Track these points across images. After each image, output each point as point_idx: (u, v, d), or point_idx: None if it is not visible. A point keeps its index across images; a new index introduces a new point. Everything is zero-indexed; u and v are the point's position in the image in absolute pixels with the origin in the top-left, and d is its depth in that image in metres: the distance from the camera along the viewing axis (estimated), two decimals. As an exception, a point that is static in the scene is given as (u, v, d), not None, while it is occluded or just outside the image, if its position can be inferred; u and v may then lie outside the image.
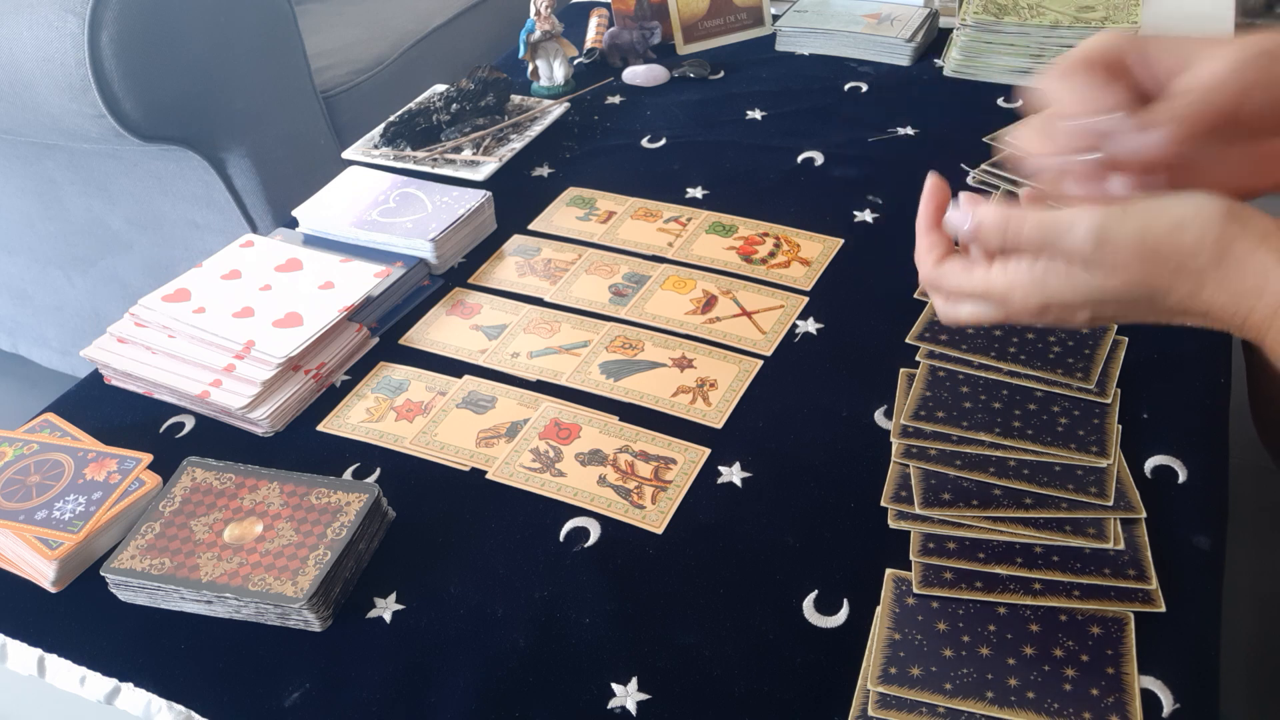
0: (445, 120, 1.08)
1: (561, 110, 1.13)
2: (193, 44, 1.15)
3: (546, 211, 0.98)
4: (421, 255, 0.89)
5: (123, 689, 0.58)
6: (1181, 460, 0.65)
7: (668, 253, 0.90)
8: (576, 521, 0.65)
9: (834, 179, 0.99)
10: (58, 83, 1.08)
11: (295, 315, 0.79)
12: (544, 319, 0.84)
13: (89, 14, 1.04)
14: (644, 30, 1.25)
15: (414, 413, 0.75)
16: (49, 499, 0.67)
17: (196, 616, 0.62)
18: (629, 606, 0.60)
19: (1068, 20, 1.08)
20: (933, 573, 0.58)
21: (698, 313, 0.82)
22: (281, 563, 0.61)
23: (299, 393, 0.76)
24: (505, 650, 0.58)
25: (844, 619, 0.58)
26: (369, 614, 0.61)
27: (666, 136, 1.09)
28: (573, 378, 0.77)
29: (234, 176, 1.26)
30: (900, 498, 0.63)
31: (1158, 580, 0.56)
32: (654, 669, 0.56)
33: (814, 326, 0.80)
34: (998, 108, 1.08)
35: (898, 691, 0.52)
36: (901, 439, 0.67)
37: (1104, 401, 0.68)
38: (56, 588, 0.64)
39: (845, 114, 1.10)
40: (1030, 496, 0.62)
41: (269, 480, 0.67)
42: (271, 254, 0.88)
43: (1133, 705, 0.51)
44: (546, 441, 0.71)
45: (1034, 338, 0.74)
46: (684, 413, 0.73)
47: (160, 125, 1.15)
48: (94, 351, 0.80)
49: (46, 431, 0.73)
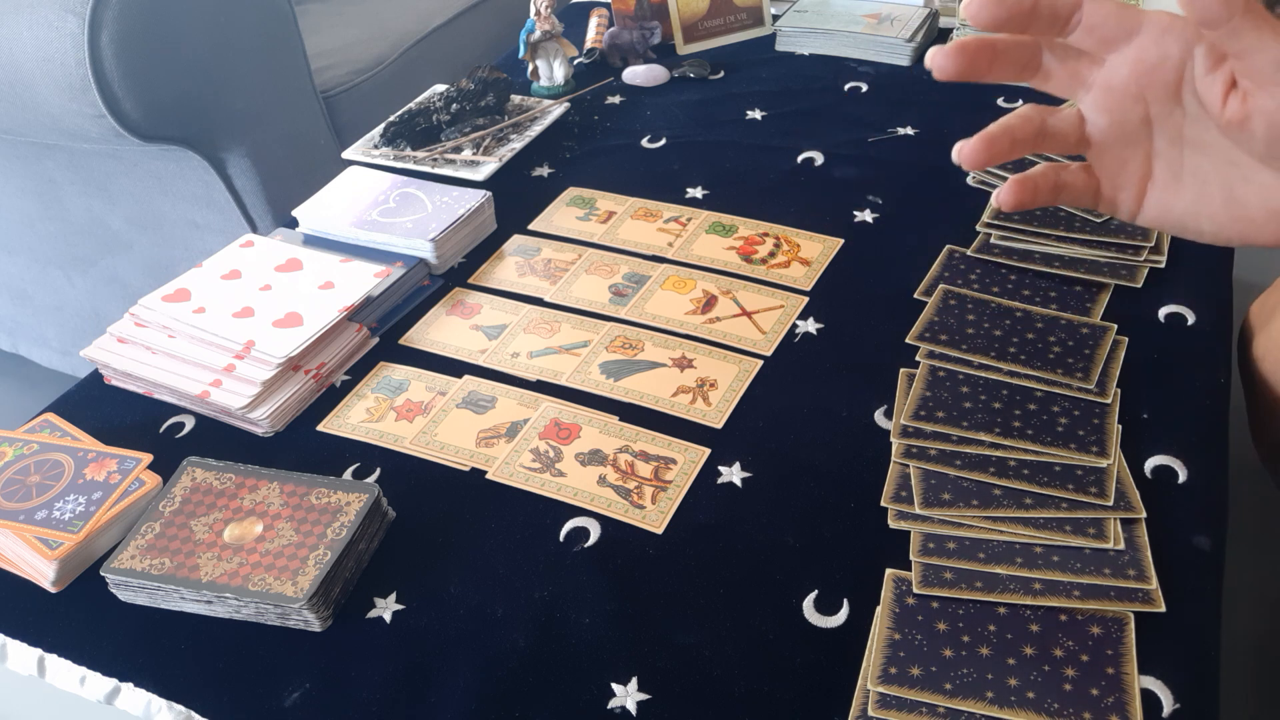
0: (445, 120, 1.08)
1: (561, 110, 1.13)
2: (193, 44, 1.15)
3: (546, 211, 0.98)
4: (421, 255, 0.89)
5: (123, 689, 0.58)
6: (1181, 460, 0.65)
7: (668, 253, 0.90)
8: (576, 521, 0.65)
9: (834, 179, 0.99)
10: (58, 83, 1.08)
11: (295, 315, 0.79)
12: (544, 319, 0.84)
13: (89, 14, 1.04)
14: (644, 30, 1.25)
15: (414, 413, 0.75)
16: (49, 499, 0.67)
17: (196, 616, 0.62)
18: (629, 606, 0.60)
19: (1068, 20, 1.08)
20: (933, 573, 0.58)
21: (698, 313, 0.82)
22: (281, 563, 0.61)
23: (299, 393, 0.76)
24: (505, 650, 0.58)
25: (844, 619, 0.58)
26: (369, 614, 0.61)
27: (666, 136, 1.09)
28: (573, 378, 0.77)
29: (234, 176, 1.26)
30: (900, 498, 0.63)
31: (1158, 580, 0.56)
32: (654, 669, 0.56)
33: (814, 326, 0.80)
34: (998, 107, 1.08)
35: (898, 691, 0.52)
36: (901, 439, 0.67)
37: (1104, 401, 0.68)
38: (56, 588, 0.64)
39: (845, 114, 1.10)
40: (1030, 496, 0.62)
41: (269, 480, 0.67)
42: (271, 254, 0.88)
43: (1133, 705, 0.51)
44: (546, 441, 0.71)
45: (1034, 338, 0.74)
46: (684, 413, 0.73)
47: (160, 125, 1.15)
48: (94, 351, 0.80)
49: (46, 431, 0.73)
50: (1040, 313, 0.77)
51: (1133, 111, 0.43)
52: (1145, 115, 0.43)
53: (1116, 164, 0.45)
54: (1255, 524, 1.17)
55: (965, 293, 0.80)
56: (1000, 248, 0.84)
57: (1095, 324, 0.75)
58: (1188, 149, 0.43)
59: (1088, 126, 0.44)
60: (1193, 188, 0.44)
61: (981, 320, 0.76)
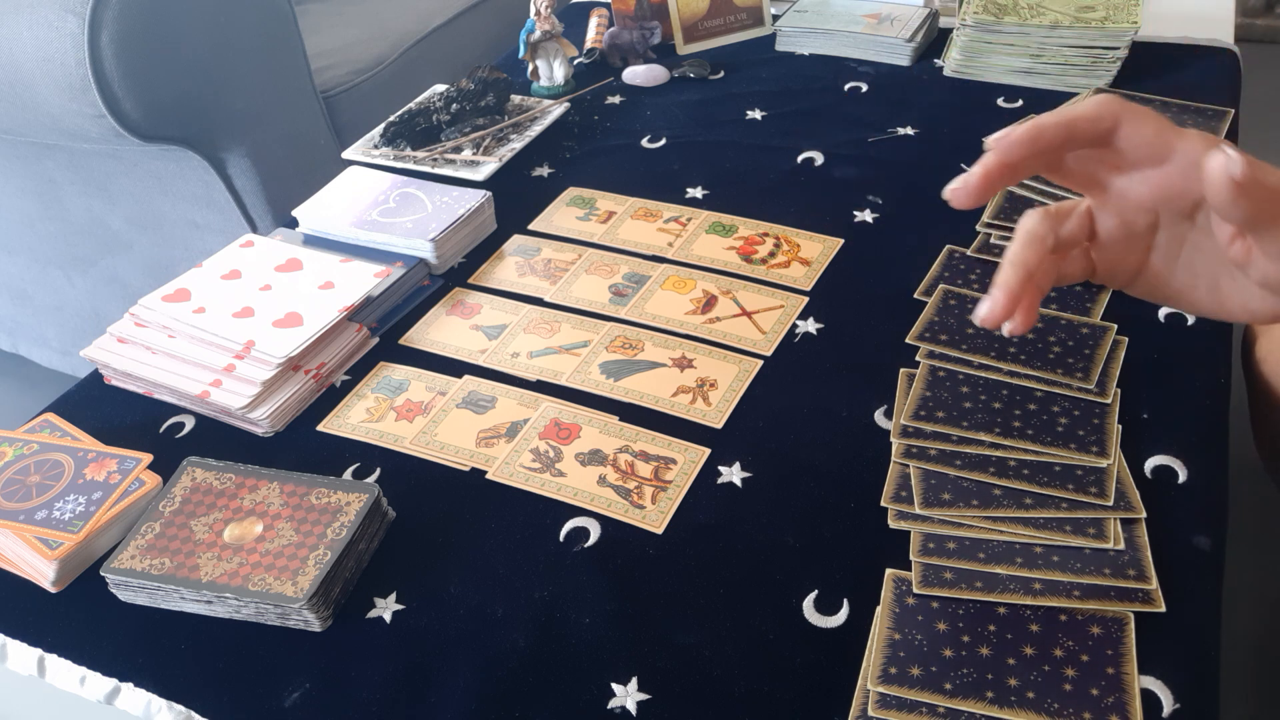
0: (445, 120, 1.08)
1: (561, 110, 1.13)
2: (193, 44, 1.15)
3: (546, 211, 0.98)
4: (421, 255, 0.89)
5: (123, 689, 0.58)
6: (1181, 460, 0.65)
7: (668, 253, 0.90)
8: (576, 521, 0.65)
9: (834, 179, 0.99)
10: (58, 83, 1.08)
11: (295, 315, 0.79)
12: (544, 319, 0.84)
13: (89, 14, 1.04)
14: (644, 30, 1.25)
15: (414, 413, 0.75)
16: (49, 499, 0.67)
17: (196, 616, 0.62)
18: (629, 606, 0.60)
19: (1067, 20, 1.08)
20: (933, 573, 0.58)
21: (698, 313, 0.82)
22: (281, 563, 0.61)
23: (299, 393, 0.76)
24: (505, 650, 0.58)
25: (844, 619, 0.58)
26: (369, 614, 0.61)
27: (666, 136, 1.09)
28: (573, 378, 0.77)
29: (234, 176, 1.26)
30: (900, 498, 0.63)
31: (1158, 580, 0.56)
32: (654, 669, 0.56)
33: (814, 326, 0.80)
34: (998, 108, 1.08)
35: (898, 691, 0.52)
36: (901, 439, 0.67)
37: (1104, 401, 0.68)
38: (56, 588, 0.64)
39: (845, 114, 1.10)
40: (1030, 496, 0.62)
41: (269, 480, 0.67)
42: (271, 254, 0.88)
43: (1133, 705, 0.51)
44: (546, 441, 0.71)
45: (1034, 338, 0.74)
46: (684, 413, 0.73)
47: (160, 125, 1.15)
48: (94, 351, 0.80)
49: (46, 431, 0.73)
50: (1040, 312, 0.77)
51: (1143, 220, 0.44)
52: (1154, 223, 0.44)
53: (1117, 257, 0.46)
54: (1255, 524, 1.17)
55: (965, 293, 0.80)
56: (1000, 248, 0.84)
57: (1095, 324, 0.75)
58: (1187, 248, 0.45)
59: (1096, 224, 0.46)
60: (1183, 279, 0.46)
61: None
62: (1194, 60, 1.12)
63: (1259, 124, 1.29)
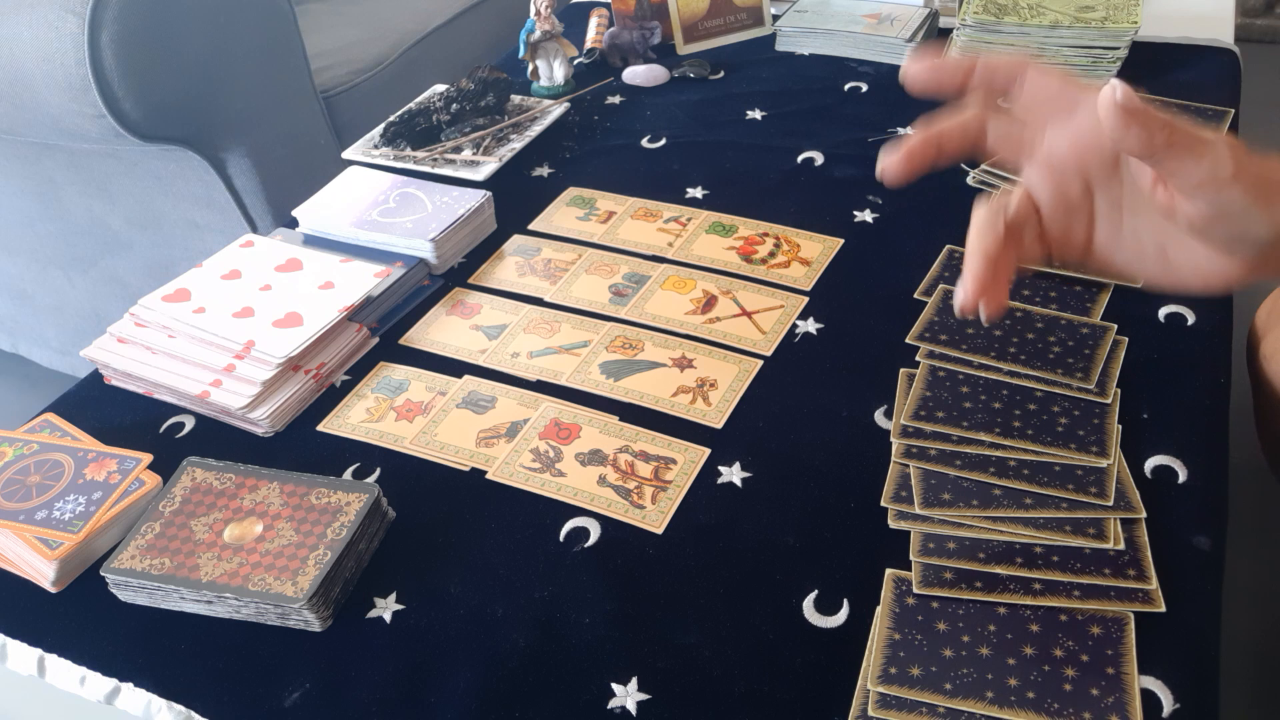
0: (445, 120, 1.08)
1: (561, 110, 1.13)
2: (193, 44, 1.15)
3: (546, 211, 0.98)
4: (421, 255, 0.89)
5: (123, 689, 0.58)
6: (1181, 460, 0.65)
7: (668, 253, 0.90)
8: (576, 521, 0.65)
9: (834, 179, 0.99)
10: (58, 83, 1.08)
11: (295, 315, 0.79)
12: (544, 319, 0.84)
13: (89, 14, 1.04)
14: (644, 30, 1.25)
15: (414, 413, 0.75)
16: (49, 499, 0.67)
17: (196, 616, 0.62)
18: (629, 606, 0.60)
19: (1068, 20, 1.08)
20: (933, 573, 0.58)
21: (698, 313, 0.82)
22: (281, 563, 0.61)
23: (299, 393, 0.76)
24: (505, 650, 0.58)
25: (844, 619, 0.58)
26: (369, 614, 0.61)
27: (666, 136, 1.09)
28: (573, 378, 0.77)
29: (234, 176, 1.26)
30: (900, 498, 0.63)
31: (1158, 580, 0.56)
32: (654, 669, 0.56)
33: (814, 326, 0.80)
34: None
35: (898, 691, 0.52)
36: (901, 439, 0.67)
37: (1104, 401, 0.68)
38: (56, 588, 0.64)
39: (845, 114, 1.10)
40: (1030, 496, 0.62)
41: (269, 480, 0.67)
42: (271, 254, 0.88)
43: (1133, 705, 0.51)
44: (546, 441, 0.71)
45: (1034, 338, 0.74)
46: (684, 413, 0.73)
47: (160, 125, 1.15)
48: (94, 351, 0.80)
49: (46, 431, 0.73)
50: (1040, 313, 0.77)
51: (1074, 185, 0.46)
52: (1086, 187, 0.46)
53: (1062, 230, 0.47)
54: (1255, 524, 1.17)
55: (965, 293, 0.80)
56: (1000, 248, 0.84)
57: (1095, 324, 0.75)
58: (1126, 213, 0.45)
59: (1037, 201, 0.47)
60: (1131, 246, 0.46)
61: (981, 320, 0.76)
62: (1194, 60, 1.12)
63: (1259, 124, 1.29)
